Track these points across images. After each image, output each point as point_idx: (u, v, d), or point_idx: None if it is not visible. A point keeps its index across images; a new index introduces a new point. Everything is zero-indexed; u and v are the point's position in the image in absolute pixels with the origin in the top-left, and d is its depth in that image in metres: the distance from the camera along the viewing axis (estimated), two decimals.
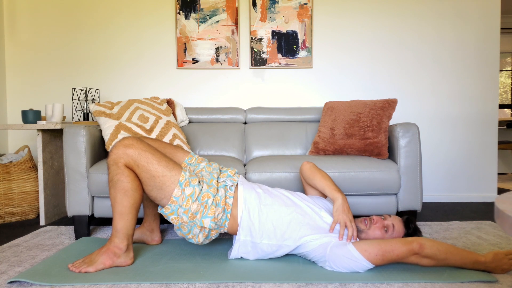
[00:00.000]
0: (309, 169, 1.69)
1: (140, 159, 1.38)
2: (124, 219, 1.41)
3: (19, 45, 2.89)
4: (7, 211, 2.35)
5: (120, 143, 1.40)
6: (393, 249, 1.29)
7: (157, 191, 1.40)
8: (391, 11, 2.93)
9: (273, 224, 1.44)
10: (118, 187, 1.39)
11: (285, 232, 1.43)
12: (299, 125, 2.56)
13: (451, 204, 2.83)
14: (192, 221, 1.41)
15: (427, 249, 1.27)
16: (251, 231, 1.45)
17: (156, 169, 1.38)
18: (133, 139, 1.42)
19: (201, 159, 1.67)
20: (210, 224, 1.41)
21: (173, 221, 1.42)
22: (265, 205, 1.48)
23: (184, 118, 2.54)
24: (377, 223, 1.46)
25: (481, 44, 2.95)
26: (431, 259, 1.29)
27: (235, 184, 1.53)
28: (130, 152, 1.37)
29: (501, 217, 0.73)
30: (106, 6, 2.89)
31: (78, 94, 2.85)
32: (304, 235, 1.42)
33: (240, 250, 1.49)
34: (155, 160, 1.39)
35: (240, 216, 1.46)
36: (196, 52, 2.89)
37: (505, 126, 4.96)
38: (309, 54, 2.91)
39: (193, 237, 1.46)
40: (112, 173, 1.40)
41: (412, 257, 1.29)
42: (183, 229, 1.44)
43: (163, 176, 1.38)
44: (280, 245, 1.45)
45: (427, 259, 1.29)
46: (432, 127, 2.98)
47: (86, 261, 1.42)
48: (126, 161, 1.38)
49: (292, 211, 1.47)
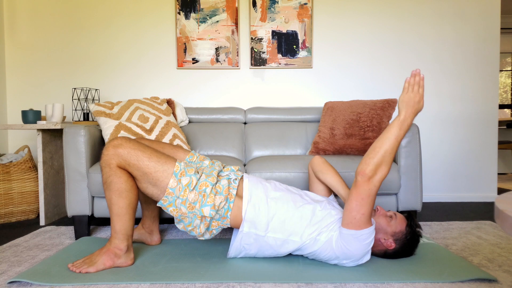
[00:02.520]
0: (323, 163, 1.69)
1: (130, 157, 1.37)
2: (121, 220, 1.40)
3: (19, 45, 2.89)
4: (7, 211, 2.35)
5: (110, 144, 1.39)
6: (355, 198, 1.31)
7: (152, 188, 1.39)
8: (391, 11, 2.93)
9: (280, 218, 1.43)
10: (113, 189, 1.38)
11: (292, 227, 1.42)
12: (299, 125, 2.56)
13: (451, 204, 2.83)
14: (191, 211, 1.39)
15: (367, 170, 1.29)
16: (256, 224, 1.43)
17: (148, 165, 1.37)
18: (122, 139, 1.41)
19: (203, 157, 1.66)
20: (210, 212, 1.38)
21: (173, 213, 1.41)
22: (272, 198, 1.47)
23: (184, 118, 2.54)
24: (381, 212, 1.49)
25: (481, 44, 2.95)
26: (374, 168, 1.29)
27: (238, 178, 1.52)
28: (120, 151, 1.37)
29: (501, 217, 0.73)
30: (106, 6, 2.89)
31: (78, 94, 2.85)
32: (311, 232, 1.41)
33: (243, 241, 1.46)
34: (145, 156, 1.38)
35: (245, 209, 1.43)
36: (196, 52, 2.89)
37: (505, 126, 4.96)
38: (309, 54, 2.91)
39: (194, 229, 1.43)
40: (105, 175, 1.39)
41: (369, 184, 1.29)
42: (184, 220, 1.42)
43: (155, 172, 1.38)
44: (285, 240, 1.43)
45: (377, 169, 1.29)
46: (432, 127, 2.98)
47: (87, 262, 1.42)
48: (117, 161, 1.37)
49: (300, 206, 1.45)
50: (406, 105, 1.32)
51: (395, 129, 1.31)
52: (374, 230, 1.37)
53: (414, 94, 1.32)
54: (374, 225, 1.37)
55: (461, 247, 1.71)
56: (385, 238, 1.44)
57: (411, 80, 1.33)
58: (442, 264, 1.44)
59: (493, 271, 1.39)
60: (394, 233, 1.44)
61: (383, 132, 1.33)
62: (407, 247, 1.46)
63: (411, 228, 1.44)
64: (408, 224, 1.45)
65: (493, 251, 1.64)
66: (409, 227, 1.44)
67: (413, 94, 1.32)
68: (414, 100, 1.31)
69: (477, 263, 1.49)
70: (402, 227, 1.44)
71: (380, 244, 1.45)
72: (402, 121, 1.31)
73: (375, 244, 1.46)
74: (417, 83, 1.32)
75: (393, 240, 1.44)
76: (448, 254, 1.55)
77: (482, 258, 1.55)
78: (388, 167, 1.30)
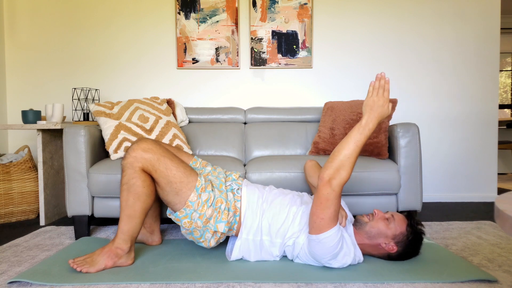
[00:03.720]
0: (311, 167, 1.69)
1: (159, 164, 1.37)
2: (132, 222, 1.41)
3: (19, 45, 2.89)
4: (7, 211, 2.35)
5: (138, 146, 1.38)
6: (314, 202, 1.29)
7: (173, 196, 1.40)
8: (391, 11, 2.93)
9: (268, 222, 1.45)
10: (132, 191, 1.38)
11: (278, 229, 1.44)
12: (299, 125, 2.56)
13: (451, 204, 2.83)
14: (205, 226, 1.41)
15: (325, 174, 1.26)
16: (252, 228, 1.46)
17: (174, 175, 1.38)
18: (152, 143, 1.40)
19: (205, 163, 1.69)
20: (224, 228, 1.42)
21: (186, 224, 1.42)
22: (265, 201, 1.49)
23: (184, 118, 2.54)
24: (379, 215, 1.45)
25: (481, 44, 2.95)
26: (332, 172, 1.25)
27: (240, 187, 1.55)
28: (149, 156, 1.36)
29: (501, 217, 0.73)
30: (106, 6, 2.89)
31: (78, 94, 2.85)
32: (291, 234, 1.42)
33: (242, 248, 1.48)
34: (174, 166, 1.39)
35: (244, 215, 1.47)
36: (196, 52, 2.89)
37: (505, 126, 4.96)
38: (309, 54, 2.90)
39: (204, 242, 1.46)
40: (127, 176, 1.38)
41: (327, 189, 1.25)
42: (195, 233, 1.44)
43: (180, 182, 1.38)
44: (272, 242, 1.45)
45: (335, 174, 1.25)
46: (432, 127, 2.98)
47: (88, 261, 1.41)
48: (143, 165, 1.36)
49: (286, 208, 1.46)
50: (370, 109, 1.29)
51: (356, 133, 1.27)
52: (338, 232, 1.30)
53: (378, 97, 1.28)
54: (336, 228, 1.30)
55: (461, 247, 1.71)
56: (386, 242, 1.41)
57: (375, 83, 1.30)
58: (442, 264, 1.44)
59: (493, 271, 1.39)
60: (394, 236, 1.40)
61: (345, 137, 1.30)
62: (411, 248, 1.42)
63: (412, 227, 1.40)
64: (409, 224, 1.41)
65: (493, 251, 1.64)
66: (409, 227, 1.40)
67: (377, 97, 1.28)
68: (378, 104, 1.28)
69: (477, 263, 1.49)
70: (402, 228, 1.40)
71: (382, 249, 1.43)
72: (363, 125, 1.27)
73: (376, 250, 1.44)
74: (382, 87, 1.29)
75: (394, 244, 1.40)
76: (448, 254, 1.55)
77: (482, 258, 1.55)
78: (347, 172, 1.26)
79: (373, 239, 1.42)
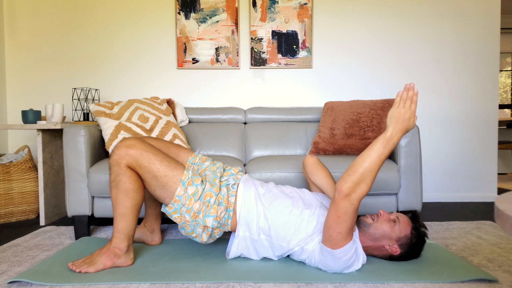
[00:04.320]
0: (313, 164, 1.66)
1: (142, 159, 1.37)
2: (125, 220, 1.41)
3: (19, 45, 2.89)
4: (7, 211, 2.35)
5: (122, 143, 1.40)
6: (331, 215, 1.24)
7: (160, 190, 1.40)
8: (391, 11, 2.93)
9: (268, 223, 1.42)
10: (120, 188, 1.39)
11: (279, 232, 1.41)
12: (299, 125, 2.56)
13: (451, 204, 2.83)
14: (194, 220, 1.40)
15: (344, 187, 1.20)
16: (249, 227, 1.44)
17: (158, 169, 1.38)
18: (135, 140, 1.42)
19: (205, 158, 1.67)
20: (212, 223, 1.40)
21: (176, 220, 1.42)
22: (263, 202, 1.47)
23: (184, 118, 2.54)
24: (384, 216, 1.42)
25: (481, 44, 2.95)
26: (352, 185, 1.20)
27: (237, 182, 1.53)
28: (132, 152, 1.37)
29: (501, 217, 0.73)
30: (106, 6, 2.89)
31: (78, 94, 2.85)
32: (298, 241, 1.39)
33: (240, 246, 1.48)
34: (157, 160, 1.39)
35: (239, 213, 1.45)
36: (196, 52, 2.89)
37: (505, 126, 4.96)
38: (309, 54, 2.91)
39: (196, 236, 1.46)
40: (114, 173, 1.40)
41: (346, 202, 1.20)
42: (186, 228, 1.44)
43: (165, 176, 1.38)
44: (274, 244, 1.44)
45: (355, 187, 1.20)
46: (432, 127, 2.98)
47: (87, 261, 1.42)
48: (128, 161, 1.37)
49: (288, 212, 1.43)
50: (395, 121, 1.21)
51: (379, 146, 1.20)
52: (353, 246, 1.29)
53: (405, 109, 1.20)
54: (353, 242, 1.29)
55: (461, 247, 1.71)
56: (389, 244, 1.40)
57: (403, 94, 1.21)
58: (442, 264, 1.44)
59: (493, 271, 1.39)
60: (398, 238, 1.39)
61: (367, 148, 1.23)
62: (414, 250, 1.41)
63: (416, 231, 1.39)
64: (414, 227, 1.39)
65: (493, 251, 1.64)
66: (414, 230, 1.39)
67: (404, 109, 1.20)
68: (405, 117, 1.20)
69: (477, 263, 1.49)
70: (406, 231, 1.38)
71: (385, 250, 1.42)
72: (388, 138, 1.20)
73: (379, 251, 1.44)
74: (410, 98, 1.21)
75: (398, 246, 1.39)
76: (448, 254, 1.55)
77: (482, 258, 1.55)
78: (368, 185, 1.21)
79: (376, 241, 1.41)
